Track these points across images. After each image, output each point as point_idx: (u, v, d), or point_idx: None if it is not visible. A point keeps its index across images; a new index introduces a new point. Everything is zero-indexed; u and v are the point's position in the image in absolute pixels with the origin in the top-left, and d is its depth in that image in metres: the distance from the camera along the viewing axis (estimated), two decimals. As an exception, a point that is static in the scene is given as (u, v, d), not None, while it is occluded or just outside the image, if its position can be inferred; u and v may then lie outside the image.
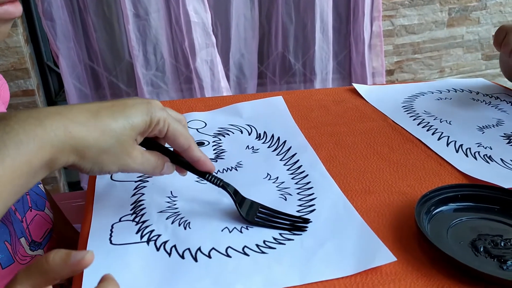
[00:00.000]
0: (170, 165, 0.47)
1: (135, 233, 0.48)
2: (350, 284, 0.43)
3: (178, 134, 0.45)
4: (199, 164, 0.48)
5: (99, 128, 0.39)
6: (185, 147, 0.46)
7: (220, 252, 0.45)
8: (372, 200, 0.56)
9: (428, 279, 0.44)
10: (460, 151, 0.66)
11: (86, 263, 0.31)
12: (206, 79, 1.60)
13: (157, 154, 0.45)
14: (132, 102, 0.42)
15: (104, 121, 0.39)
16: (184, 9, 1.51)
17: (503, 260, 0.45)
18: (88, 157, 0.38)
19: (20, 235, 0.55)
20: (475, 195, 0.53)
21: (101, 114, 0.40)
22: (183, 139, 0.45)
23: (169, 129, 0.44)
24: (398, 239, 0.49)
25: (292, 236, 0.48)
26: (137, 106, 0.42)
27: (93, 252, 0.31)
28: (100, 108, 0.40)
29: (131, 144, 0.41)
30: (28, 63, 1.53)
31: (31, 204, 0.59)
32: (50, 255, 0.31)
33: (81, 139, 0.38)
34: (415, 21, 1.82)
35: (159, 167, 0.45)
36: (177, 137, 0.45)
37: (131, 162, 0.42)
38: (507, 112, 0.79)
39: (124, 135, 0.40)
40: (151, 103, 0.43)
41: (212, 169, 0.49)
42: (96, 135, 0.38)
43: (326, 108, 0.83)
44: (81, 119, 0.38)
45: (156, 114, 0.42)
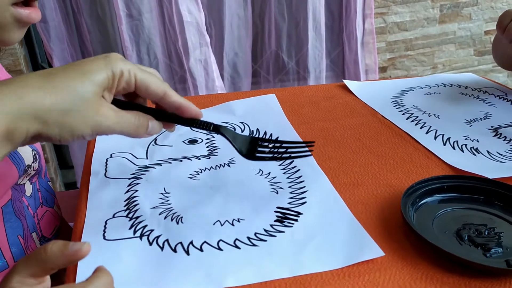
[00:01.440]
0: (155, 122, 0.44)
1: (128, 228, 0.49)
2: (337, 272, 0.44)
3: (148, 82, 0.42)
4: (182, 110, 0.45)
5: (54, 88, 0.36)
6: (161, 94, 0.43)
7: (212, 245, 0.47)
8: (360, 193, 0.57)
9: (413, 267, 0.45)
10: (447, 144, 0.68)
11: (83, 254, 0.32)
12: (200, 78, 1.61)
13: (137, 112, 0.42)
14: (89, 59, 0.40)
15: (60, 81, 0.37)
16: (177, 9, 1.52)
17: (487, 248, 0.46)
18: (51, 122, 0.36)
19: (32, 230, 0.56)
20: (460, 186, 0.55)
21: (55, 75, 0.37)
22: (156, 86, 0.42)
23: (137, 79, 0.41)
24: (385, 230, 0.50)
25: (283, 228, 0.49)
26: (94, 61, 0.39)
27: (89, 243, 0.33)
28: (54, 70, 0.38)
29: (97, 100, 0.38)
30: (22, 65, 1.54)
31: (42, 201, 0.61)
32: (48, 245, 0.32)
33: (37, 103, 0.35)
34: (407, 18, 1.84)
35: (142, 126, 0.42)
36: (148, 85, 0.42)
37: (102, 120, 0.38)
38: (495, 106, 0.81)
39: (86, 92, 0.37)
40: (109, 56, 0.40)
41: (199, 113, 0.46)
42: (53, 96, 0.36)
43: (316, 104, 0.84)
44: (33, 84, 0.36)
45: (118, 65, 0.40)
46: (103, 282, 0.32)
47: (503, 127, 0.73)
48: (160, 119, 0.45)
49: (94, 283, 0.32)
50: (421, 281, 0.43)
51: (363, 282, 0.43)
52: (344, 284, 0.43)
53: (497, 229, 0.49)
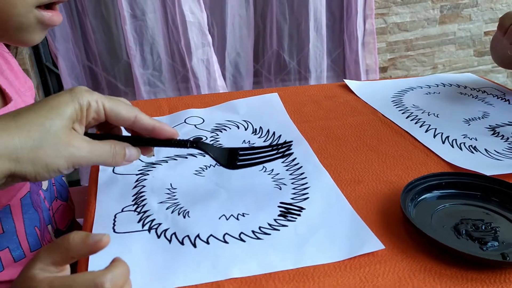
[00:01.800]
0: (133, 149, 0.44)
1: (137, 222, 0.51)
2: (338, 264, 0.46)
3: (117, 109, 0.42)
4: (156, 132, 0.45)
5: (21, 127, 0.36)
6: (132, 119, 0.43)
7: (218, 239, 0.48)
8: (361, 189, 0.58)
9: (412, 260, 0.47)
10: (446, 142, 0.69)
11: (103, 245, 0.34)
12: (202, 78, 1.63)
13: (112, 141, 0.42)
14: (55, 95, 0.41)
15: (27, 119, 0.37)
16: (180, 9, 1.53)
17: (483, 242, 0.48)
18: (23, 160, 0.36)
19: (48, 222, 0.58)
20: (458, 183, 0.56)
21: (21, 114, 0.37)
22: (126, 112, 0.43)
23: (106, 108, 0.41)
24: (385, 225, 0.52)
25: (286, 222, 0.51)
26: (61, 96, 0.40)
27: (109, 235, 0.34)
28: (21, 110, 0.38)
29: (67, 133, 0.38)
30: (27, 64, 1.56)
31: (57, 195, 0.63)
32: (71, 235, 0.34)
33: (5, 143, 0.35)
34: (408, 18, 1.85)
35: (119, 154, 0.42)
36: (118, 112, 0.42)
37: (75, 151, 0.38)
38: (493, 105, 0.82)
39: (53, 126, 0.37)
40: (74, 90, 0.41)
41: (174, 133, 0.46)
42: (21, 134, 0.36)
43: (318, 103, 0.85)
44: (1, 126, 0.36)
45: (84, 97, 0.40)
46: (121, 271, 0.34)
47: (501, 126, 0.74)
48: (138, 145, 0.45)
49: (112, 272, 0.33)
50: (420, 273, 0.45)
51: (364, 273, 0.45)
52: (346, 276, 0.45)
53: (493, 224, 0.51)
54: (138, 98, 1.66)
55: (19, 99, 0.57)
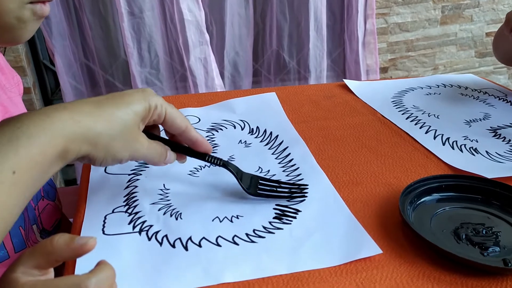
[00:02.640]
0: (171, 153, 0.49)
1: (128, 223, 0.50)
2: (334, 269, 0.44)
3: (174, 116, 0.47)
4: (197, 145, 0.50)
5: (104, 116, 0.40)
6: (183, 129, 0.48)
7: (210, 241, 0.47)
8: (359, 191, 0.57)
9: (410, 265, 0.45)
10: (446, 144, 0.68)
11: (88, 248, 0.33)
12: (200, 76, 1.61)
13: (159, 142, 0.47)
14: (129, 92, 0.45)
15: (108, 109, 0.41)
16: (178, 7, 1.52)
17: (484, 247, 0.47)
18: (100, 145, 0.40)
19: (33, 222, 0.57)
20: (458, 185, 0.55)
21: (104, 104, 0.41)
22: (180, 121, 0.47)
23: (167, 113, 0.46)
24: (383, 228, 0.50)
25: (281, 225, 0.50)
26: (135, 94, 0.44)
27: (95, 238, 0.33)
28: (102, 99, 0.42)
29: (137, 130, 0.43)
30: (24, 61, 1.54)
31: (43, 194, 0.61)
32: (55, 238, 0.33)
33: (90, 128, 0.39)
34: (409, 19, 1.84)
35: (163, 155, 0.47)
36: (174, 119, 0.47)
37: (140, 147, 0.43)
38: (495, 107, 0.81)
39: (129, 121, 0.42)
40: (146, 91, 0.45)
41: (210, 149, 0.51)
42: (103, 123, 0.40)
43: (316, 103, 0.84)
44: (87, 110, 0.40)
45: (153, 99, 0.44)
46: (106, 275, 0.33)
47: (502, 127, 0.73)
48: (174, 150, 0.50)
49: (97, 275, 0.32)
50: (418, 279, 0.43)
51: (361, 279, 0.44)
52: (342, 281, 0.43)
53: (494, 229, 0.49)
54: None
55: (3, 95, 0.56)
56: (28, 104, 1.62)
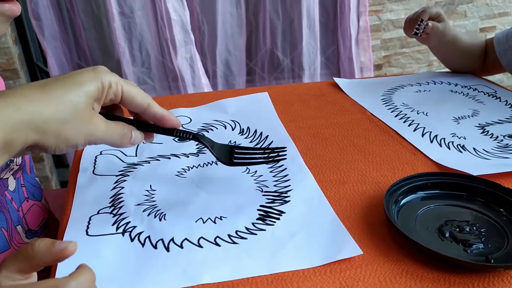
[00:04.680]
0: (138, 132, 0.46)
1: (112, 224, 0.50)
2: (318, 268, 0.44)
3: (134, 93, 0.44)
4: (164, 121, 0.47)
5: (52, 99, 0.37)
6: (145, 105, 0.45)
7: (192, 243, 0.47)
8: (345, 190, 0.57)
9: (394, 263, 0.45)
10: (434, 141, 0.68)
11: (69, 253, 0.33)
12: (187, 76, 1.62)
13: (121, 123, 0.44)
14: (79, 71, 0.41)
15: (56, 92, 0.38)
16: (165, 6, 1.52)
17: (468, 244, 0.47)
18: (48, 132, 0.37)
19: (17, 223, 0.57)
20: (443, 183, 0.55)
21: (51, 86, 0.38)
22: (141, 98, 0.45)
23: (123, 91, 0.43)
24: (368, 227, 0.50)
25: (264, 226, 0.50)
26: (85, 73, 0.41)
27: (76, 242, 0.33)
28: (49, 81, 0.39)
29: (90, 111, 0.40)
30: (17, 63, 1.54)
31: (28, 195, 0.61)
32: (35, 243, 0.32)
33: (36, 114, 0.36)
34: (402, 15, 1.83)
35: (127, 136, 0.44)
36: (133, 96, 0.44)
37: (94, 129, 0.40)
38: (484, 103, 0.81)
39: (80, 103, 0.39)
40: (98, 68, 0.42)
41: (178, 123, 0.48)
42: (50, 107, 0.37)
43: (306, 102, 0.84)
44: (31, 95, 0.37)
45: (106, 77, 0.41)
46: (86, 278, 0.33)
47: (490, 124, 0.73)
48: (141, 129, 0.47)
49: (77, 279, 0.32)
50: (401, 277, 0.44)
51: (344, 278, 0.44)
52: (325, 280, 0.43)
53: (479, 225, 0.49)
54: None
55: None
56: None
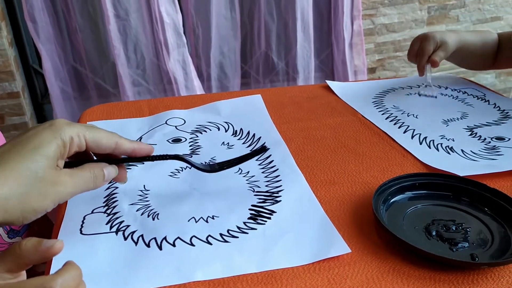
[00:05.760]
0: (110, 167, 0.45)
1: (105, 224, 0.51)
2: (307, 266, 0.45)
3: (98, 139, 0.43)
4: (136, 153, 0.47)
5: (9, 173, 0.36)
6: (113, 146, 0.44)
7: (185, 241, 0.48)
8: (335, 190, 0.58)
9: (381, 261, 0.46)
10: (423, 143, 0.69)
11: (55, 251, 0.33)
12: (180, 78, 1.63)
13: (89, 165, 0.43)
14: (33, 132, 0.40)
15: (12, 163, 0.36)
16: (159, 10, 1.54)
17: (454, 243, 0.48)
18: (12, 209, 0.35)
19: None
20: (431, 183, 0.56)
21: (7, 158, 0.36)
22: (107, 140, 0.44)
23: (87, 140, 0.42)
24: (357, 226, 0.52)
25: (256, 225, 0.51)
26: (42, 133, 0.39)
27: (62, 241, 0.34)
28: (4, 152, 0.37)
29: (53, 173, 0.38)
30: (12, 66, 1.55)
31: None
32: (22, 242, 0.33)
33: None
34: (395, 19, 1.86)
35: (99, 177, 0.43)
36: (99, 142, 0.43)
37: (62, 189, 0.39)
38: (472, 106, 0.82)
39: (40, 169, 0.37)
40: (55, 124, 0.40)
41: (151, 150, 0.48)
42: (9, 182, 0.35)
43: (299, 105, 0.85)
44: None
45: (66, 132, 0.40)
46: (72, 274, 0.33)
47: (478, 126, 0.74)
48: (113, 163, 0.47)
49: (63, 276, 0.33)
50: (388, 274, 0.45)
51: (332, 275, 0.45)
52: (314, 277, 0.44)
53: (465, 225, 0.51)
54: (123, 97, 1.65)
55: None
56: (17, 108, 1.62)
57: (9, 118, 1.62)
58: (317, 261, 0.46)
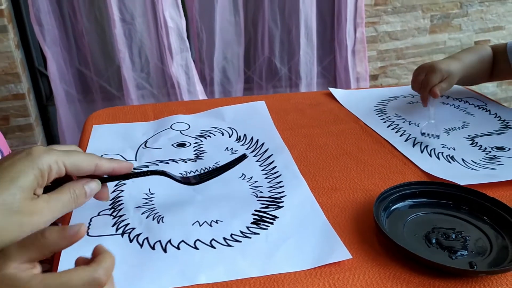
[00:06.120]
0: (92, 183, 0.45)
1: (111, 226, 0.52)
2: (309, 271, 0.46)
3: (78, 163, 0.43)
4: (116, 172, 0.47)
5: None
6: (93, 168, 0.44)
7: (189, 244, 0.49)
8: (337, 197, 0.59)
9: (382, 268, 0.47)
10: (425, 151, 0.70)
11: (82, 234, 0.35)
12: (182, 82, 1.65)
13: (68, 185, 0.43)
14: (10, 162, 0.39)
15: None
16: (163, 14, 1.56)
17: (453, 251, 0.49)
18: None
19: None
20: (431, 192, 0.57)
21: None
22: (86, 164, 0.44)
23: (66, 166, 0.41)
24: (358, 232, 0.53)
25: (258, 230, 0.52)
26: (18, 163, 0.39)
27: (85, 224, 0.35)
28: None
29: (29, 204, 0.38)
30: (18, 68, 1.56)
31: None
32: (45, 231, 0.34)
33: None
34: (398, 27, 1.87)
35: (80, 196, 0.43)
36: (79, 166, 0.43)
37: (38, 219, 0.38)
38: (474, 115, 0.83)
39: (15, 202, 0.37)
40: (32, 153, 0.40)
41: (130, 167, 0.49)
42: None
43: (302, 111, 0.86)
44: None
45: (43, 161, 0.39)
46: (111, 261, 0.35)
47: (479, 136, 0.75)
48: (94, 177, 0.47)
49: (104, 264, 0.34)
50: (388, 281, 0.46)
51: (333, 280, 0.46)
52: (315, 282, 0.45)
53: (464, 233, 0.51)
54: (127, 100, 1.67)
55: None
56: (22, 110, 1.63)
57: (14, 119, 1.64)
58: (318, 266, 0.47)
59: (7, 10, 1.51)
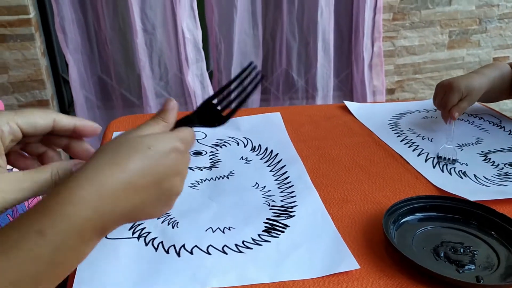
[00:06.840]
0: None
1: (128, 229, 0.54)
2: (317, 279, 0.48)
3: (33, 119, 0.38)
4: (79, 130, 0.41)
5: None
6: (50, 123, 0.40)
7: (202, 250, 0.51)
8: (348, 208, 0.60)
9: (389, 279, 0.48)
10: (437, 166, 0.71)
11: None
12: (198, 91, 1.68)
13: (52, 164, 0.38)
14: None
15: None
16: (181, 25, 1.60)
17: (461, 265, 0.49)
18: None
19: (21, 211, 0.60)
20: (441, 206, 0.58)
21: None
22: (43, 118, 0.39)
23: (20, 125, 0.38)
24: (367, 243, 0.54)
25: (269, 238, 0.53)
26: None
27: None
28: None
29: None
30: (44, 74, 1.61)
31: None
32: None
33: None
34: (416, 42, 1.88)
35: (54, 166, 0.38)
36: (34, 123, 0.38)
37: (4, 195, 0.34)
38: (488, 132, 0.84)
39: None
40: None
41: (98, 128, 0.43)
42: None
43: (317, 124, 0.88)
44: None
45: None
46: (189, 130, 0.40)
47: (493, 152, 0.76)
48: None
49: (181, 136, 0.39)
50: (395, 292, 0.47)
51: (341, 290, 0.47)
52: (323, 291, 0.46)
53: (472, 248, 0.52)
54: (145, 108, 1.70)
55: None
56: (45, 115, 1.68)
57: (37, 124, 1.69)
58: (326, 276, 0.48)
59: (34, 19, 1.56)
